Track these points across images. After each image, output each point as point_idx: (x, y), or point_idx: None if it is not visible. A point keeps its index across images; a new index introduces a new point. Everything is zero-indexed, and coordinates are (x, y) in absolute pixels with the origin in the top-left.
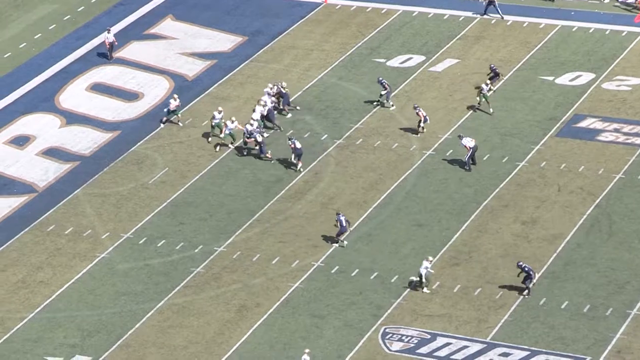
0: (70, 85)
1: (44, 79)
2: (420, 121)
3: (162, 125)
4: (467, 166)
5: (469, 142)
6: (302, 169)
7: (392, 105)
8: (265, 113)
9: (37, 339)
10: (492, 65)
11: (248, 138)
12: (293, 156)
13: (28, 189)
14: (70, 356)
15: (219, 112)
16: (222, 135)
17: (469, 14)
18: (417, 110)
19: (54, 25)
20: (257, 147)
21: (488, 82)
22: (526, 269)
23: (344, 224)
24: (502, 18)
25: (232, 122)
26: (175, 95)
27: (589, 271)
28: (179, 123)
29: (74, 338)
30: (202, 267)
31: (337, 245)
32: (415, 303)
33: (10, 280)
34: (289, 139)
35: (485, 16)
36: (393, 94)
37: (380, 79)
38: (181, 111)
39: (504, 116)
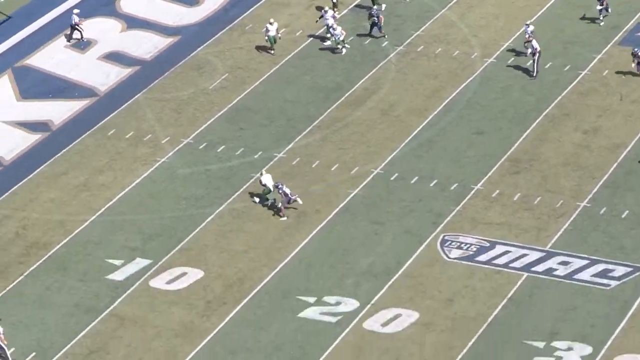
0: None
1: None
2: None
3: (272, 52)
4: (534, 72)
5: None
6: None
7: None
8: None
9: (98, 242)
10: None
11: None
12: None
13: (89, 92)
14: (131, 259)
15: (271, 24)
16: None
17: None
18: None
19: None
20: None
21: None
22: None
23: (288, 194)
24: None
25: (272, 23)
26: (272, 20)
27: None
28: (271, 51)
29: (134, 241)
30: None
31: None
32: (474, 211)
33: (72, 183)
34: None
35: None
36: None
37: None
38: (244, 15)
39: (566, 24)
